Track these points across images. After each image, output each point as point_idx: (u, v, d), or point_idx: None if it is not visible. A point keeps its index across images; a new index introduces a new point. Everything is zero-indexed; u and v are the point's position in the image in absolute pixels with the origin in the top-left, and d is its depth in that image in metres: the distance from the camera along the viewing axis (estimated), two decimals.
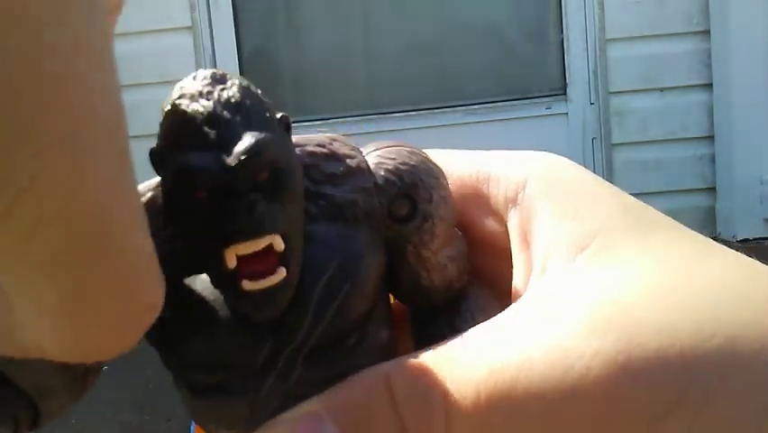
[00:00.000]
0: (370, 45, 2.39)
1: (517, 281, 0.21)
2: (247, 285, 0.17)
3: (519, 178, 0.22)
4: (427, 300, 0.22)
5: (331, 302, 0.19)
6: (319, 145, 0.20)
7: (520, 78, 2.36)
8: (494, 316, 0.20)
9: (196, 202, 0.17)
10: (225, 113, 0.17)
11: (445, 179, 0.21)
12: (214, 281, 0.18)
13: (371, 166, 0.20)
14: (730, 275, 0.18)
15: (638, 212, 0.20)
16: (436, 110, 2.30)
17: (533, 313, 0.19)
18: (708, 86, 2.24)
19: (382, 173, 0.20)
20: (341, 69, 2.40)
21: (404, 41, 2.37)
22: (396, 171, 0.20)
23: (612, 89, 2.29)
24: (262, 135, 0.17)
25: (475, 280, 0.23)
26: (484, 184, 0.23)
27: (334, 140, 0.21)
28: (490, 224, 0.23)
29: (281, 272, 0.17)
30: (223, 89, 0.18)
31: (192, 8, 2.30)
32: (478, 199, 0.23)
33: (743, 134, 2.19)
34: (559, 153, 0.23)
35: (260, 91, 0.18)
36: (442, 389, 0.18)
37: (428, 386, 0.18)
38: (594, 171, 0.22)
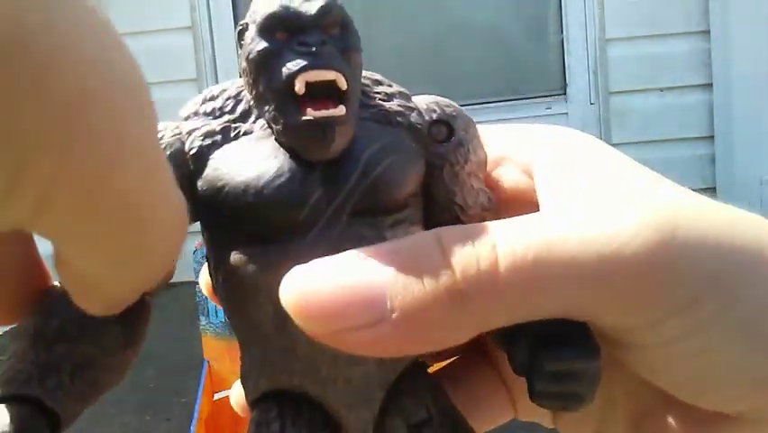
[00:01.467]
0: (370, 45, 2.39)
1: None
2: (311, 112, 0.19)
3: (544, 142, 0.23)
4: (458, 222, 0.23)
5: (376, 166, 0.20)
6: (368, 76, 0.23)
7: (520, 79, 2.36)
8: None
9: (277, 42, 0.20)
10: None
11: (476, 129, 0.24)
12: (278, 114, 0.20)
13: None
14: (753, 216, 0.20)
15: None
16: None
17: (575, 206, 0.21)
18: (709, 86, 2.24)
19: (424, 105, 0.23)
20: None
21: (403, 40, 2.37)
22: (436, 103, 0.23)
23: (612, 89, 2.29)
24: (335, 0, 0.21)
25: None
26: (511, 150, 0.24)
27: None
28: (518, 180, 0.24)
29: (341, 109, 0.19)
30: None
31: (192, 8, 2.30)
32: (505, 161, 0.24)
33: (743, 135, 2.19)
34: None
35: None
36: (491, 243, 0.18)
37: (479, 239, 0.18)
38: None
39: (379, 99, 0.23)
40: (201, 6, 2.31)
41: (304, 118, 0.19)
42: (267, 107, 0.20)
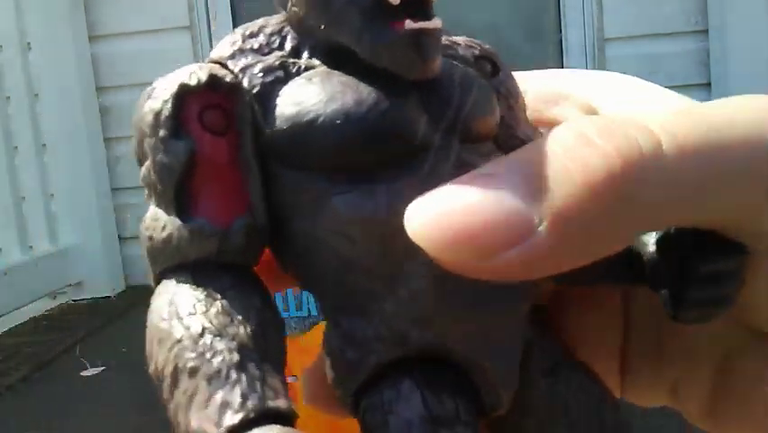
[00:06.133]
0: None
1: None
2: (409, 24, 0.17)
3: (604, 81, 0.22)
4: None
5: (471, 86, 0.18)
6: None
7: None
8: None
9: None
10: None
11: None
12: (365, 32, 0.17)
13: None
14: None
15: None
16: None
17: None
18: (707, 85, 2.24)
19: (461, 42, 0.21)
20: None
21: None
22: (471, 41, 0.21)
23: None
24: None
25: None
26: (568, 89, 0.23)
27: None
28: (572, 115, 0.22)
29: (438, 21, 0.17)
30: None
31: (191, 8, 2.30)
32: (562, 100, 0.23)
33: None
34: None
35: None
36: (647, 127, 0.16)
37: (631, 125, 0.16)
38: None
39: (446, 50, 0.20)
40: (199, 7, 2.31)
41: (402, 31, 0.17)
42: (346, 27, 0.17)
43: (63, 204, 2.21)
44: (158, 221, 0.17)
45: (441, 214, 0.15)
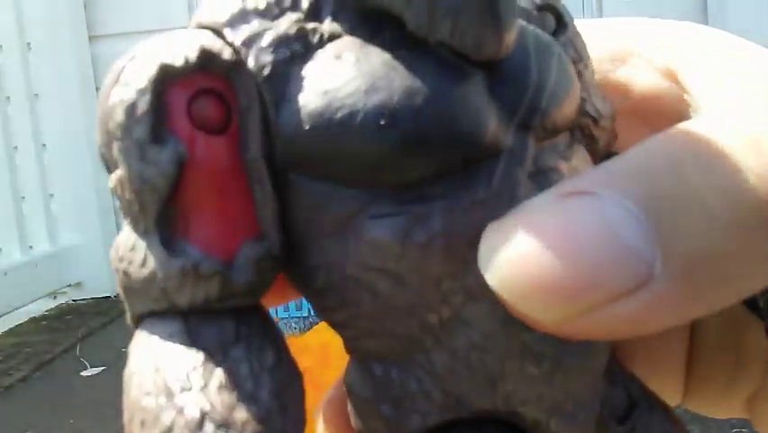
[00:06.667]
0: None
1: None
2: None
3: (691, 39, 0.18)
4: (597, 140, 0.16)
5: (551, 57, 0.14)
6: None
7: None
8: None
9: None
10: None
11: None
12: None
13: None
14: None
15: None
16: None
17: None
18: None
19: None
20: None
21: None
22: None
23: None
24: None
25: None
26: (641, 44, 0.18)
27: None
28: (655, 83, 0.17)
29: None
30: None
31: (190, 9, 2.30)
32: (633, 57, 0.18)
33: None
34: None
35: None
36: None
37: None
38: None
39: None
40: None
41: None
42: None
43: (63, 204, 2.21)
44: (135, 251, 0.13)
45: (525, 252, 0.11)
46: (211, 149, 0.12)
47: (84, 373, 1.56)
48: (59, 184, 2.21)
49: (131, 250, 0.13)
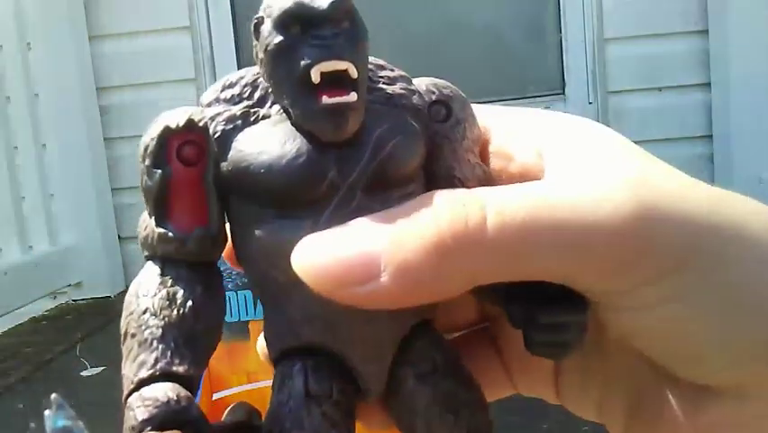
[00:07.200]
0: None
1: None
2: (326, 99, 0.21)
3: (558, 126, 0.25)
4: None
5: (385, 145, 0.22)
6: (372, 61, 0.25)
7: (518, 78, 2.36)
8: None
9: (291, 38, 0.22)
10: None
11: (471, 108, 0.26)
12: (296, 101, 0.22)
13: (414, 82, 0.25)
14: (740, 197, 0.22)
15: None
16: None
17: (566, 177, 0.22)
18: (707, 85, 2.24)
19: (423, 87, 0.25)
20: None
21: (401, 39, 2.37)
22: (435, 85, 0.25)
23: (610, 89, 2.29)
24: None
25: None
26: (526, 129, 0.25)
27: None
28: (529, 158, 0.24)
29: (353, 95, 0.21)
30: None
31: (191, 9, 2.30)
32: (519, 138, 0.25)
33: (741, 134, 2.19)
34: None
35: None
36: (481, 204, 0.20)
37: (469, 201, 0.20)
38: None
39: (383, 83, 0.25)
40: (199, 7, 2.31)
41: (321, 104, 0.21)
42: (284, 95, 0.22)
43: (63, 204, 2.21)
44: (144, 222, 0.23)
45: (312, 255, 0.20)
46: (187, 174, 0.23)
47: (84, 373, 1.56)
48: (59, 184, 2.20)
49: (143, 222, 0.23)
